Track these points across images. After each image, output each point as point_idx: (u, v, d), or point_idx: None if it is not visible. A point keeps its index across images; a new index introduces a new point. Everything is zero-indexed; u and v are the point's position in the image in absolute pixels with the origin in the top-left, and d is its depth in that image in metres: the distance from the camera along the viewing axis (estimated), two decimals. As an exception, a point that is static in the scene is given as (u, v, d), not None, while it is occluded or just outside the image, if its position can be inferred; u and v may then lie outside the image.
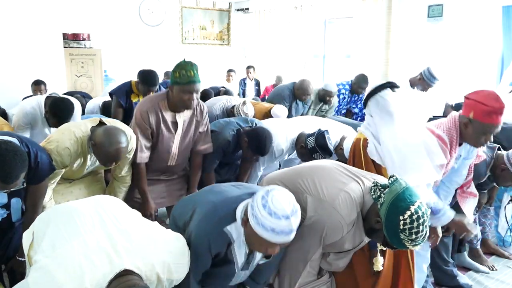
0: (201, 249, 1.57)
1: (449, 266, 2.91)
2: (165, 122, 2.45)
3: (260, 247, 1.53)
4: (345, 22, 6.73)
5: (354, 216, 1.74)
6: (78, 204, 1.60)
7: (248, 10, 7.94)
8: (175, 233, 1.57)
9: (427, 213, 1.61)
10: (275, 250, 1.51)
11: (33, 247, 1.45)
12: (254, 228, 1.46)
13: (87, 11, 6.35)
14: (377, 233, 1.70)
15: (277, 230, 1.42)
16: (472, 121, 2.11)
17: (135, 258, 1.32)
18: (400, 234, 1.59)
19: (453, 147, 2.18)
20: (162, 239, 1.46)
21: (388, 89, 2.16)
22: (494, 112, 2.07)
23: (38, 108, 2.88)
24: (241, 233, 1.59)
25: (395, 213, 1.59)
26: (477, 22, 4.92)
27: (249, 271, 1.75)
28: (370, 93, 2.21)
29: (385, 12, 5.60)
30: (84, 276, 1.23)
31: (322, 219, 1.75)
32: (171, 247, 1.46)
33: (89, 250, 1.30)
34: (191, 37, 7.77)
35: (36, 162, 1.89)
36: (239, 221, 1.58)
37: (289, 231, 1.44)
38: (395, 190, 1.64)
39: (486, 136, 2.11)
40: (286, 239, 1.46)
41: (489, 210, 3.33)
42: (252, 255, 1.69)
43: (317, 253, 1.83)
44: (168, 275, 1.40)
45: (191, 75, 2.31)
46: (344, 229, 1.74)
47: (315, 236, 1.77)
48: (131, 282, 1.24)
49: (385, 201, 1.64)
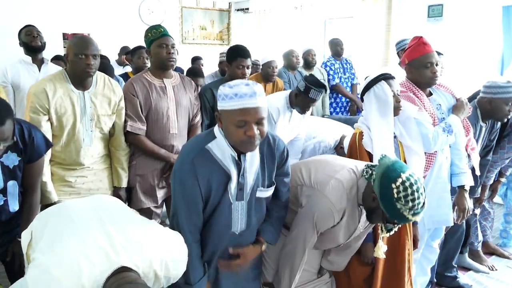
0: (186, 175, 1.56)
1: (452, 269, 2.93)
2: (152, 87, 2.50)
3: (236, 132, 1.50)
4: (345, 22, 6.72)
5: (345, 203, 1.76)
6: (76, 203, 1.60)
7: (248, 10, 7.94)
8: (173, 231, 1.57)
9: (420, 181, 1.63)
10: (251, 130, 1.48)
11: (32, 246, 1.46)
12: (222, 108, 1.52)
13: (87, 11, 6.35)
14: (376, 212, 1.71)
15: (239, 93, 1.48)
16: (410, 63, 2.33)
17: (132, 255, 1.32)
18: (397, 204, 1.60)
19: (416, 93, 2.33)
20: (160, 237, 1.45)
21: (383, 81, 2.16)
22: (418, 45, 2.30)
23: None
24: (223, 144, 1.59)
25: (387, 183, 1.61)
26: (477, 22, 4.91)
27: (245, 202, 1.68)
28: (367, 86, 2.21)
29: (385, 12, 5.60)
30: (82, 273, 1.23)
31: (313, 205, 1.78)
32: (169, 244, 1.46)
33: (87, 247, 1.30)
34: (191, 37, 7.77)
35: (31, 137, 1.92)
36: (219, 135, 1.59)
37: (252, 92, 1.49)
38: (384, 164, 1.68)
39: (429, 68, 2.29)
40: (253, 102, 1.48)
41: (490, 213, 3.33)
42: (242, 177, 1.64)
43: (314, 237, 1.82)
44: (165, 272, 1.40)
45: (162, 31, 2.49)
46: (334, 215, 1.75)
47: (308, 222, 1.79)
48: (129, 278, 1.24)
49: (377, 176, 1.67)
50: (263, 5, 7.58)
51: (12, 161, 1.90)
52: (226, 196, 1.64)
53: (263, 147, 1.69)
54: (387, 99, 2.14)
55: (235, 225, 1.70)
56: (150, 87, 2.49)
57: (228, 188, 1.62)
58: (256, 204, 1.72)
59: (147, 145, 2.48)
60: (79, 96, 2.25)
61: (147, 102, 2.47)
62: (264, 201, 1.77)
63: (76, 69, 2.20)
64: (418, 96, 2.32)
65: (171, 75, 2.60)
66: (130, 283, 1.22)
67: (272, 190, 1.76)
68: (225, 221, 1.68)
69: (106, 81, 2.39)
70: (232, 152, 1.60)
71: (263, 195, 1.72)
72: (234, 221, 1.69)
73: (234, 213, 1.68)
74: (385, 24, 5.58)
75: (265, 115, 1.54)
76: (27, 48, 3.48)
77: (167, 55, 2.47)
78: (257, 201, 1.72)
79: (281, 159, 1.75)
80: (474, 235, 3.20)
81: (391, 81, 2.17)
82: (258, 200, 1.72)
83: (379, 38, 5.69)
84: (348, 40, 6.51)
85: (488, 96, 2.58)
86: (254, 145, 1.54)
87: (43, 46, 3.51)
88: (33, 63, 3.48)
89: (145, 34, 2.53)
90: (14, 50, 3.68)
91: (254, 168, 1.65)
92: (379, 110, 2.15)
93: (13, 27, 3.85)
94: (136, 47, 4.13)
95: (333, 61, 4.85)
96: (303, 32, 6.96)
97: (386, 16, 5.58)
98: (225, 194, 1.64)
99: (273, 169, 1.74)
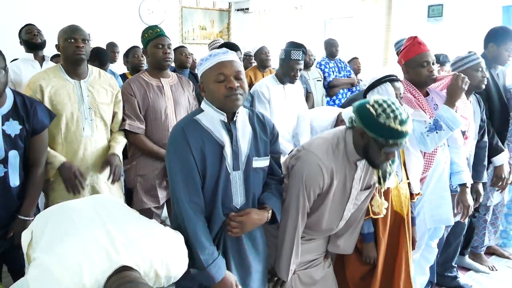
0: (179, 144, 1.59)
1: (452, 269, 2.93)
2: (150, 87, 2.52)
3: (218, 88, 1.59)
4: (345, 22, 6.73)
5: (332, 159, 1.79)
6: (76, 203, 1.60)
7: (248, 10, 7.94)
8: (173, 230, 1.57)
9: (392, 99, 1.74)
10: (231, 82, 1.57)
11: (32, 245, 1.45)
12: (202, 71, 1.64)
13: (87, 11, 6.35)
14: (371, 146, 1.73)
15: (213, 53, 1.63)
16: (407, 63, 2.35)
17: (133, 255, 1.32)
18: (380, 119, 1.65)
19: (413, 92, 2.34)
20: (160, 236, 1.45)
21: (388, 83, 2.16)
22: (412, 44, 2.31)
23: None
24: (211, 112, 1.64)
25: (363, 109, 1.71)
26: (477, 22, 4.91)
27: (242, 172, 1.68)
28: (372, 85, 2.22)
29: (385, 12, 5.61)
30: (83, 273, 1.23)
31: (301, 165, 1.83)
32: (169, 244, 1.46)
33: (88, 247, 1.30)
34: (191, 37, 7.77)
35: (33, 106, 1.98)
36: (206, 107, 1.66)
37: (225, 51, 1.64)
38: (355, 104, 1.79)
39: (426, 67, 2.30)
40: (227, 57, 1.61)
41: (497, 219, 3.33)
42: (236, 146, 1.65)
43: (305, 201, 1.83)
44: (166, 272, 1.40)
45: (158, 31, 2.52)
46: (323, 171, 1.77)
47: (298, 185, 1.81)
48: (129, 277, 1.24)
49: (355, 115, 1.76)
50: (263, 5, 7.59)
51: (14, 129, 1.91)
52: (224, 166, 1.63)
53: (254, 120, 1.74)
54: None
55: (235, 198, 1.69)
56: (148, 87, 2.51)
57: (224, 155, 1.63)
58: (253, 175, 1.72)
59: (147, 144, 2.48)
60: (75, 85, 2.26)
61: (144, 102, 2.48)
62: (261, 174, 1.77)
63: (68, 54, 2.22)
64: (415, 96, 2.33)
65: (168, 74, 2.62)
66: (131, 282, 1.22)
67: (267, 160, 1.76)
68: (226, 193, 1.67)
69: (101, 73, 2.42)
70: (221, 115, 1.63)
71: (259, 165, 1.73)
72: (233, 193, 1.68)
73: (233, 185, 1.67)
74: (385, 24, 5.59)
75: (242, 69, 1.65)
76: (28, 46, 3.52)
77: (164, 55, 2.50)
78: (254, 172, 1.71)
79: (272, 135, 1.79)
80: (480, 240, 3.18)
81: (396, 84, 2.17)
82: (255, 171, 1.72)
83: (379, 38, 5.70)
84: (348, 40, 6.52)
85: (458, 71, 2.58)
86: (238, 99, 1.59)
87: (44, 43, 3.55)
88: (35, 59, 3.50)
89: (141, 35, 2.56)
90: (14, 49, 3.69)
91: (246, 136, 1.68)
92: None
93: (13, 27, 3.86)
94: (131, 47, 4.15)
95: (327, 60, 4.85)
96: (303, 32, 6.97)
97: (386, 16, 5.59)
98: (222, 166, 1.63)
99: (267, 141, 1.76)
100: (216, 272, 1.60)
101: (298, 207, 1.83)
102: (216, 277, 1.60)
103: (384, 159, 1.75)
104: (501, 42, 2.88)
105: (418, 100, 2.32)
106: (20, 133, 1.92)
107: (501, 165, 2.84)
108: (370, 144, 1.72)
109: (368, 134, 1.70)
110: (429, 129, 2.24)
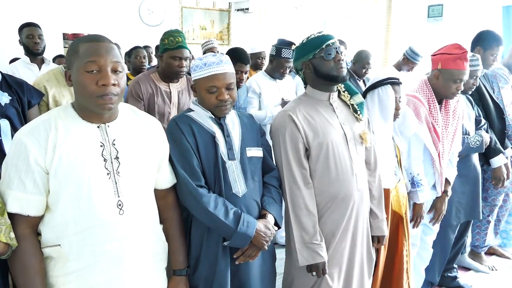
0: (175, 132, 1.67)
1: (452, 269, 2.92)
2: (158, 91, 2.50)
3: (209, 98, 1.68)
4: (345, 22, 6.73)
5: (302, 107, 1.85)
6: None
7: (248, 10, 7.94)
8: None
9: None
10: (222, 94, 1.66)
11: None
12: (194, 78, 1.71)
13: (87, 11, 6.35)
14: (317, 68, 1.82)
15: (207, 63, 1.67)
16: (442, 71, 2.31)
17: None
18: (303, 42, 1.87)
19: (431, 104, 2.35)
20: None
21: (389, 85, 2.16)
22: (459, 58, 2.25)
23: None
24: (200, 112, 1.72)
25: (292, 51, 1.96)
26: (477, 22, 4.90)
27: (238, 161, 1.72)
28: (373, 85, 2.21)
29: (385, 12, 5.60)
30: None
31: (276, 128, 1.86)
32: None
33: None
34: (191, 37, 7.76)
35: (22, 81, 2.14)
36: (195, 108, 1.74)
37: (219, 61, 1.68)
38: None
39: (456, 84, 2.29)
40: (220, 69, 1.66)
41: (499, 221, 3.33)
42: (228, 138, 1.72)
43: (297, 166, 1.80)
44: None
45: (179, 41, 2.46)
46: (293, 117, 1.81)
47: (283, 151, 1.82)
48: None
49: (293, 64, 1.95)
50: (263, 5, 7.58)
51: (2, 100, 1.99)
52: (218, 155, 1.69)
53: (243, 117, 1.85)
54: (389, 104, 2.14)
55: (235, 186, 1.71)
56: (156, 91, 2.50)
57: (216, 143, 1.69)
58: (249, 163, 1.76)
59: None
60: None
61: (150, 106, 2.48)
62: (258, 163, 1.80)
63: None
64: (430, 107, 2.33)
65: (177, 80, 2.60)
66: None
67: (261, 151, 1.82)
68: (225, 182, 1.69)
69: None
70: (211, 115, 1.73)
71: (253, 154, 1.78)
72: (232, 181, 1.70)
73: (230, 174, 1.70)
74: (385, 24, 5.58)
75: (233, 80, 1.71)
76: (27, 51, 3.52)
77: (178, 68, 2.47)
78: (250, 161, 1.76)
79: (261, 132, 1.88)
80: (482, 240, 3.18)
81: (396, 87, 2.16)
82: (250, 160, 1.76)
83: (379, 38, 5.69)
84: (348, 40, 6.52)
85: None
86: (227, 108, 1.71)
87: (43, 51, 3.56)
88: (32, 63, 3.51)
89: (161, 38, 2.49)
90: (14, 49, 3.69)
91: (236, 129, 1.77)
92: (380, 112, 2.16)
93: (13, 26, 3.86)
94: (133, 48, 4.15)
95: None
96: (303, 32, 6.96)
97: (386, 16, 5.58)
98: (217, 155, 1.69)
99: (258, 134, 1.85)
100: (247, 228, 1.63)
101: (295, 175, 1.79)
102: (249, 233, 1.63)
103: (334, 65, 1.80)
104: (488, 47, 2.93)
105: (431, 112, 2.33)
106: (11, 103, 2.01)
107: (499, 167, 2.84)
108: (316, 66, 1.82)
109: (308, 61, 1.83)
110: (412, 185, 2.35)
